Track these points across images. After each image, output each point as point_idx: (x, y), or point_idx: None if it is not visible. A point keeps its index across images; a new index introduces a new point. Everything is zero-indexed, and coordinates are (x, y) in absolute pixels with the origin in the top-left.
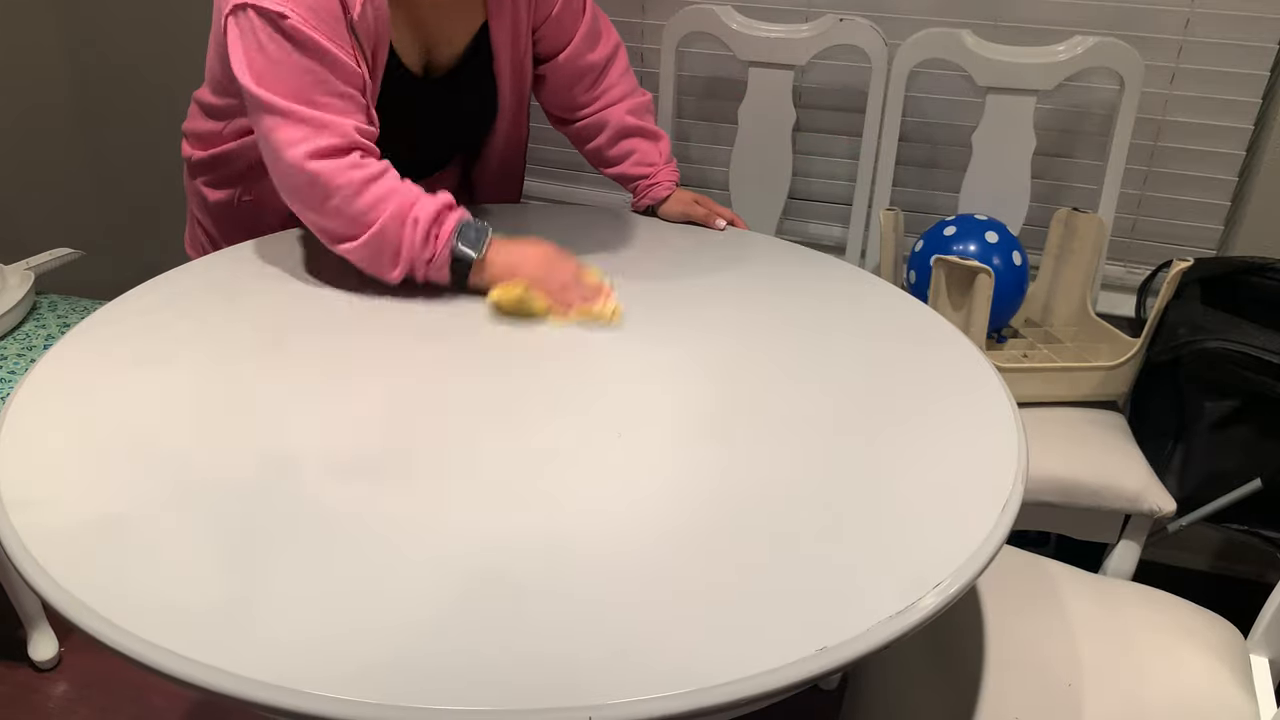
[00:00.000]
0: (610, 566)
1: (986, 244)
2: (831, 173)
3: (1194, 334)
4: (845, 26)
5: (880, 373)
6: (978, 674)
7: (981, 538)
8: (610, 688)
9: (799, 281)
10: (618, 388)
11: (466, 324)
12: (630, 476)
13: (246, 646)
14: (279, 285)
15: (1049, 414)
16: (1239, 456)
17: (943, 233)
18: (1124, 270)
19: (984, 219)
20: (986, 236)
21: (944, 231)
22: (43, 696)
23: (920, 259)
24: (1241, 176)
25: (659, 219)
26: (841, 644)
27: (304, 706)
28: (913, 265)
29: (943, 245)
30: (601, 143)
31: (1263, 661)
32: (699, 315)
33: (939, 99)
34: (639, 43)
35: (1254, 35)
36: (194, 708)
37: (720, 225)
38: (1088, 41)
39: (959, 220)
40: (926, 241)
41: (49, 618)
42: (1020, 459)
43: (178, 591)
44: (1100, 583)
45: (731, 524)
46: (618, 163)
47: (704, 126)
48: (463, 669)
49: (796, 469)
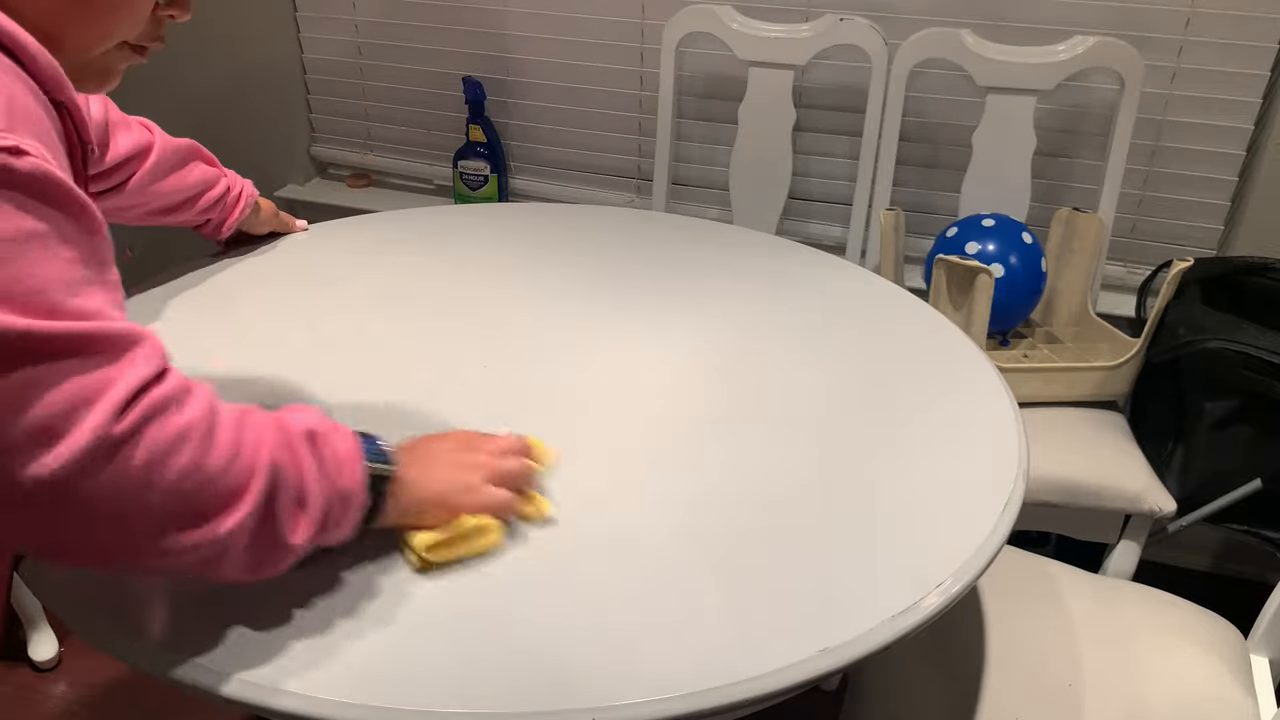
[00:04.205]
0: (611, 567)
1: (1021, 245)
2: (831, 173)
3: (1194, 334)
4: (845, 26)
5: (881, 372)
6: (978, 674)
7: (982, 538)
8: (612, 690)
9: (799, 280)
10: (616, 387)
11: (466, 322)
12: (630, 477)
13: (246, 648)
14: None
15: (1049, 414)
16: (1239, 456)
17: (981, 223)
18: (1124, 270)
19: (1019, 222)
20: (1023, 238)
21: (983, 223)
22: (43, 696)
23: (949, 246)
24: (1242, 176)
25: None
26: (843, 644)
27: (303, 709)
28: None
29: (979, 236)
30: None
31: (1263, 661)
32: (698, 314)
33: (939, 99)
34: (639, 43)
35: (1254, 35)
36: (194, 708)
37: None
38: (1088, 41)
39: (998, 217)
40: (961, 229)
41: (49, 618)
42: (1021, 459)
43: (177, 592)
44: (1100, 583)
45: (732, 524)
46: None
47: (704, 126)
48: (463, 671)
49: (797, 468)
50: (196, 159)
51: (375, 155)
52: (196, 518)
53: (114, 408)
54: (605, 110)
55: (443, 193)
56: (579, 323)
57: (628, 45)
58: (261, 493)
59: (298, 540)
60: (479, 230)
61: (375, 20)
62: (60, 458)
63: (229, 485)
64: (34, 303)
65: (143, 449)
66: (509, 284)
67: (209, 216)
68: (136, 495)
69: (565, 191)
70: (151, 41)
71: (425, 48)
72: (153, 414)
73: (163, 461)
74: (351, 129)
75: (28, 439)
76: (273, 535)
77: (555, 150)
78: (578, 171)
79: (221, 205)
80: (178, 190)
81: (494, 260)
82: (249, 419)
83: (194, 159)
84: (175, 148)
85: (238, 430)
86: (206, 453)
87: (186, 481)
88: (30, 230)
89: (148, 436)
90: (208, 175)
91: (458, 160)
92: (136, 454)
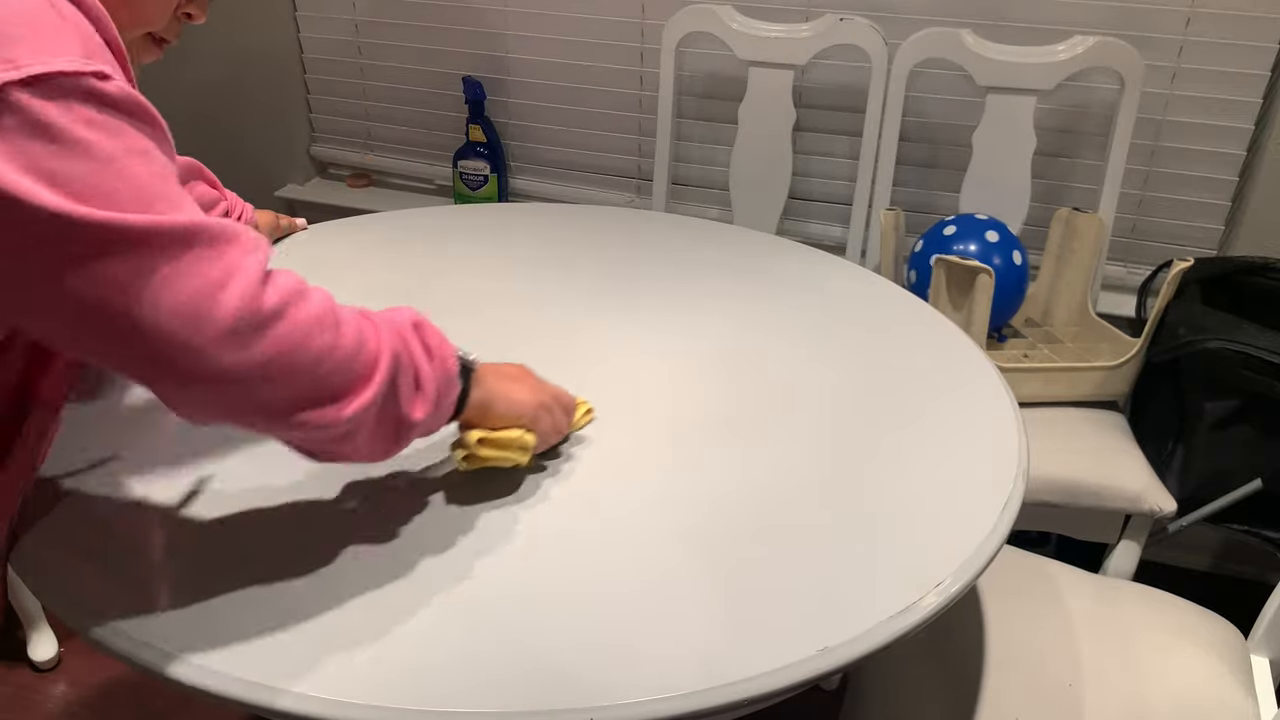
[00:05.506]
0: (611, 567)
1: (987, 243)
2: (831, 173)
3: (1194, 334)
4: (845, 26)
5: (881, 372)
6: (978, 674)
7: (982, 537)
8: (611, 689)
9: (799, 280)
10: (616, 387)
11: (466, 322)
12: (630, 476)
13: (246, 648)
14: None
15: (1049, 414)
16: (1239, 456)
17: (943, 232)
18: (1124, 270)
19: (984, 218)
20: (987, 236)
21: (944, 231)
22: (43, 697)
23: (921, 258)
24: (1242, 176)
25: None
26: (842, 644)
27: (304, 709)
28: (913, 265)
29: (943, 245)
30: None
31: (1263, 661)
32: (698, 314)
33: (939, 99)
34: (639, 43)
35: (1254, 35)
36: (194, 709)
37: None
38: (1088, 41)
39: (959, 220)
40: (927, 241)
41: (49, 618)
42: (1020, 459)
43: (176, 593)
44: (1100, 583)
45: (732, 524)
46: None
47: (704, 126)
48: (463, 670)
49: (797, 468)
50: (197, 179)
51: (375, 155)
52: (331, 398)
53: (252, 285)
54: (605, 110)
55: (443, 193)
56: (579, 322)
57: (628, 45)
58: (386, 376)
59: (419, 416)
60: (479, 230)
61: (375, 20)
62: (210, 332)
63: (359, 370)
64: (150, 205)
65: (286, 325)
66: (509, 284)
67: None
68: (285, 369)
69: (565, 191)
70: (171, 37)
71: (425, 47)
72: (291, 297)
73: (303, 342)
74: (351, 129)
75: (178, 322)
76: (396, 415)
77: (555, 150)
78: (578, 171)
79: None
80: None
81: (494, 260)
82: (365, 312)
83: (194, 179)
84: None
85: (359, 320)
86: (338, 338)
87: (323, 364)
88: (130, 145)
89: (289, 316)
90: (206, 196)
91: (458, 160)
92: (281, 329)
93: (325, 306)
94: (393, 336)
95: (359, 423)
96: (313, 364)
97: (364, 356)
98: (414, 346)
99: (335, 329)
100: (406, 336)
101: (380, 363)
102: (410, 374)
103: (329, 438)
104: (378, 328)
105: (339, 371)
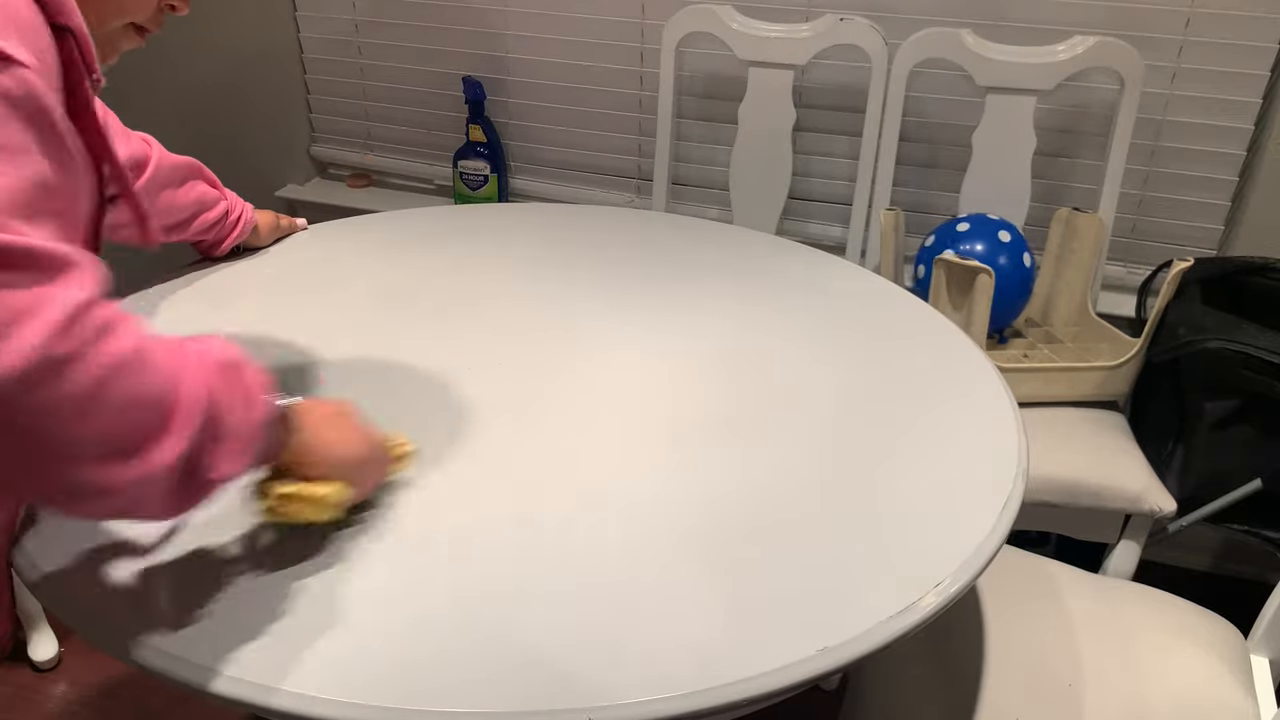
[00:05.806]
0: (610, 567)
1: (999, 243)
2: (831, 173)
3: (1194, 334)
4: (845, 26)
5: (881, 372)
6: (977, 674)
7: (981, 537)
8: (610, 688)
9: (799, 280)
10: (617, 387)
11: (466, 322)
12: (629, 477)
13: (245, 648)
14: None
15: (1049, 414)
16: (1239, 456)
17: (956, 229)
18: (1124, 270)
19: (997, 219)
20: (1000, 236)
21: (957, 228)
22: (43, 697)
23: (931, 254)
24: (1242, 176)
25: None
26: (842, 644)
27: (301, 708)
28: (921, 260)
29: (956, 240)
30: None
31: (1263, 661)
32: (698, 315)
33: (939, 99)
34: (639, 43)
35: (1254, 35)
36: (194, 709)
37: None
38: (1088, 41)
39: (973, 218)
40: (939, 236)
41: (49, 618)
42: (1020, 459)
43: (176, 592)
44: (1100, 583)
45: (731, 524)
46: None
47: (704, 126)
48: (462, 669)
49: (796, 468)
50: (197, 178)
51: (375, 155)
52: (135, 445)
53: (55, 325)
54: (605, 110)
55: (443, 193)
56: (578, 323)
57: (628, 45)
58: (196, 422)
59: (224, 472)
60: (479, 230)
61: (375, 20)
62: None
63: (163, 413)
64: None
65: (90, 368)
66: (508, 284)
67: (204, 237)
68: (76, 418)
69: (565, 191)
70: (154, 26)
71: (425, 47)
72: (96, 336)
73: (108, 384)
74: (351, 129)
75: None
76: (198, 469)
77: (555, 150)
78: (578, 171)
79: (219, 227)
80: (172, 208)
81: (494, 260)
82: (179, 347)
83: (194, 178)
84: (174, 165)
85: (171, 357)
86: (145, 379)
87: (129, 410)
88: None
89: (92, 358)
90: (206, 196)
91: (458, 160)
92: (82, 374)
93: (134, 343)
94: (207, 376)
95: (160, 477)
96: (118, 407)
97: (171, 398)
98: (231, 388)
99: (144, 368)
100: (223, 376)
101: (189, 406)
102: (221, 421)
103: (128, 500)
104: (190, 366)
105: (143, 414)
